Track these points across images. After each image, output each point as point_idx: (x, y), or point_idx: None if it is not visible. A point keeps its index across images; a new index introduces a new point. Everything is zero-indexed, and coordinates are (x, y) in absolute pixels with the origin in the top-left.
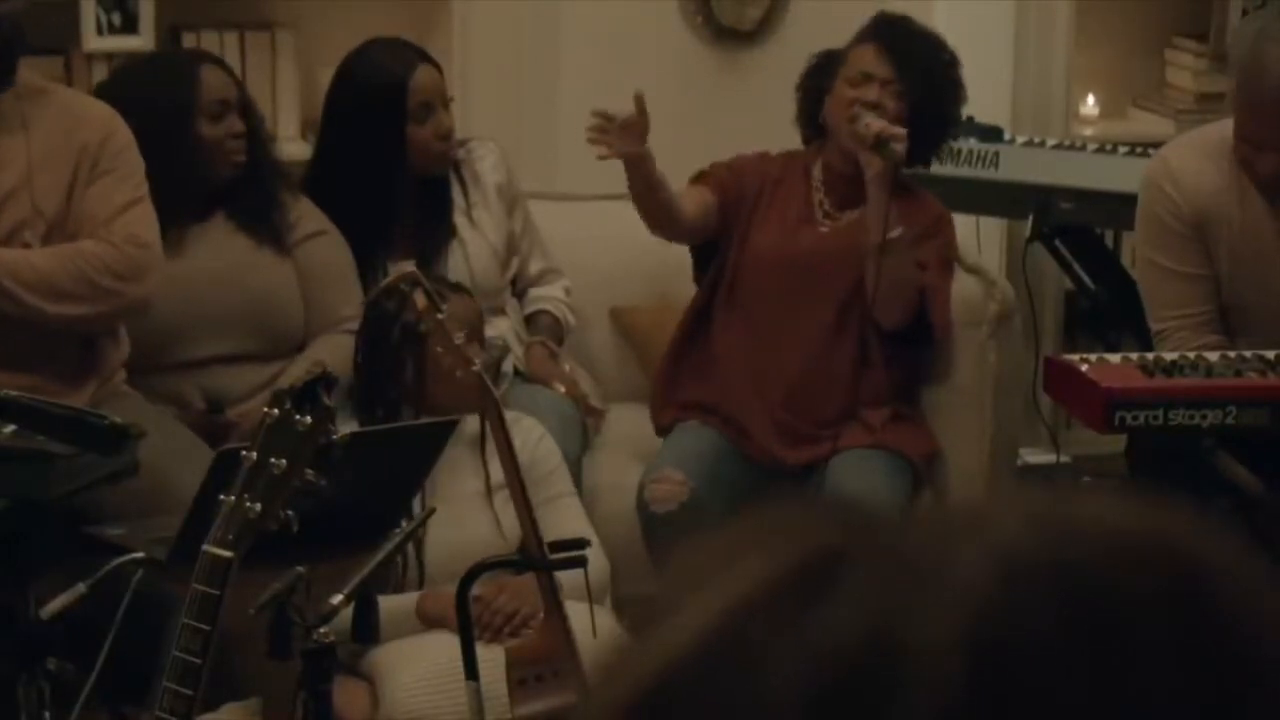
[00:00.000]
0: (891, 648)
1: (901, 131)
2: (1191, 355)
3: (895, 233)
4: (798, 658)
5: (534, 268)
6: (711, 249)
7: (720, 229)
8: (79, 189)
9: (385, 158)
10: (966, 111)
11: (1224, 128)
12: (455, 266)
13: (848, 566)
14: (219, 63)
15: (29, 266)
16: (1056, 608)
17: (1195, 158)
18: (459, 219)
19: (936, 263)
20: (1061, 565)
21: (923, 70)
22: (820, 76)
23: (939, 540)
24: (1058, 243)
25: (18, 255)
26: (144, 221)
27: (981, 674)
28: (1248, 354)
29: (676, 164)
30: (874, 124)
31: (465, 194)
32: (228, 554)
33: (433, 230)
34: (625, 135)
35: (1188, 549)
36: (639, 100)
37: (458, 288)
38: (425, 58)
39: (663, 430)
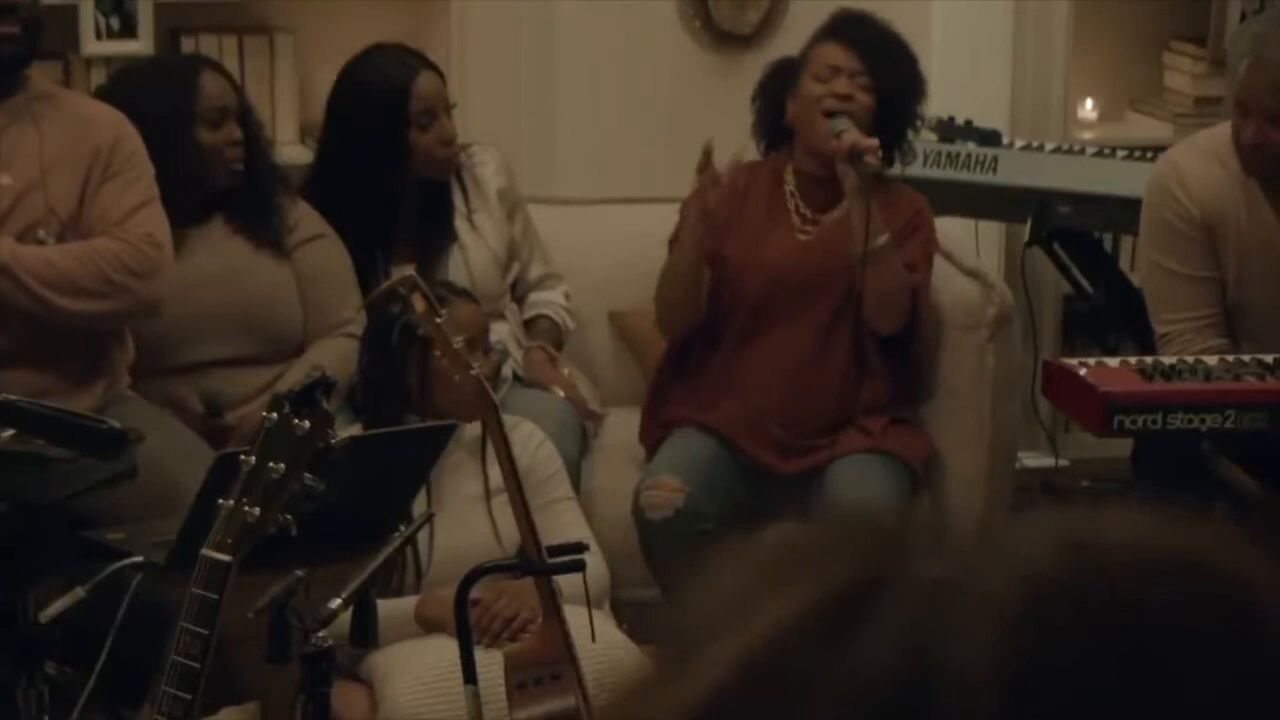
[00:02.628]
0: (928, 675)
1: (874, 143)
2: (1190, 359)
3: (880, 241)
4: (839, 687)
5: (534, 272)
6: None
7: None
8: (91, 190)
9: (387, 163)
10: (965, 115)
11: (1230, 128)
12: (455, 271)
13: (885, 594)
14: (219, 69)
15: (45, 262)
16: (1089, 631)
17: (1201, 159)
18: (460, 223)
19: (919, 259)
20: (1093, 588)
21: (889, 62)
22: (779, 83)
23: (971, 565)
24: (1056, 246)
25: (35, 251)
26: (157, 222)
27: (1016, 701)
28: (1246, 358)
29: (676, 168)
30: (847, 137)
31: (466, 199)
32: (226, 558)
33: (434, 235)
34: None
35: (1224, 564)
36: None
37: (464, 293)
38: (428, 64)
39: (650, 449)
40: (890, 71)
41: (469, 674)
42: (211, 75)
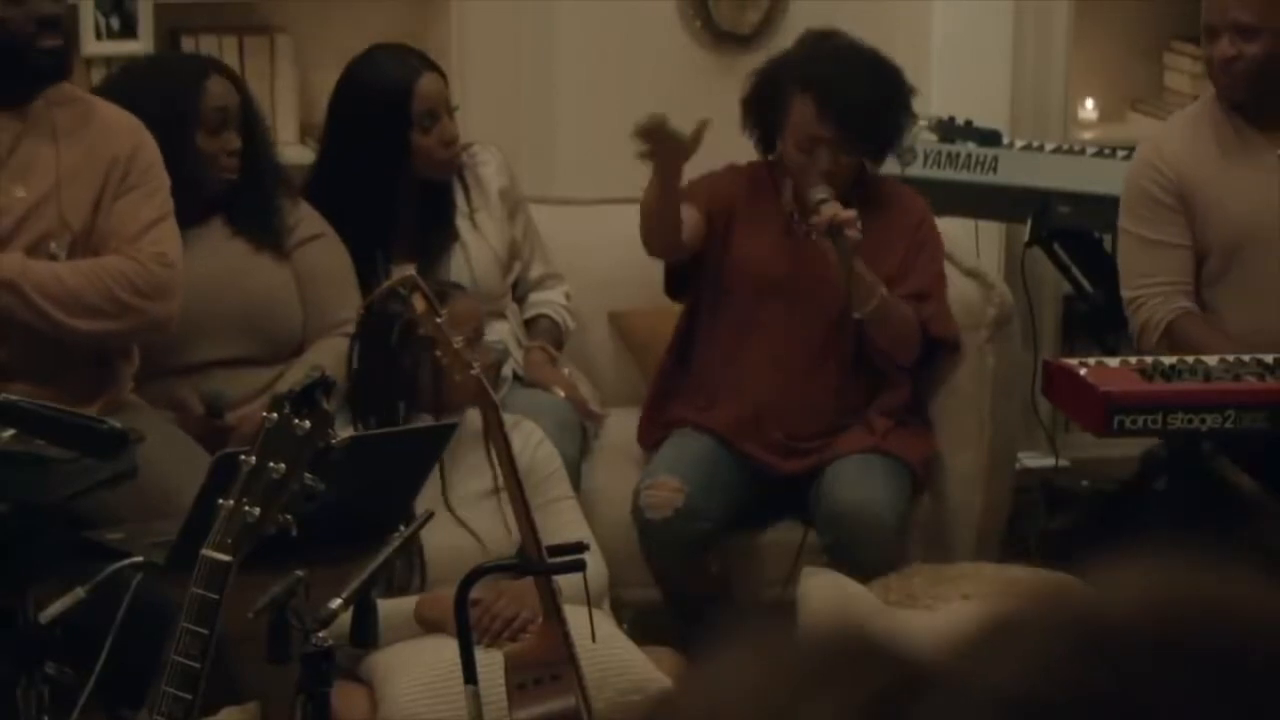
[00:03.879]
0: None
1: (851, 216)
2: (1190, 359)
3: (872, 306)
4: None
5: (535, 272)
6: (684, 266)
7: (705, 244)
8: (106, 202)
9: (389, 164)
10: (965, 116)
11: (1205, 98)
12: (457, 270)
13: (914, 699)
14: (226, 72)
15: (55, 280)
16: None
17: (1179, 129)
18: (461, 223)
19: (931, 280)
20: (1105, 684)
21: (866, 113)
22: (765, 93)
23: (986, 662)
24: (1056, 246)
25: (44, 268)
26: (170, 240)
27: None
28: (1246, 358)
29: None
30: (826, 210)
31: (468, 198)
32: (226, 558)
33: (435, 234)
34: (672, 150)
35: (1246, 641)
36: (700, 129)
37: (456, 288)
38: (430, 65)
39: (650, 449)
40: (869, 122)
41: (469, 674)
42: (217, 79)
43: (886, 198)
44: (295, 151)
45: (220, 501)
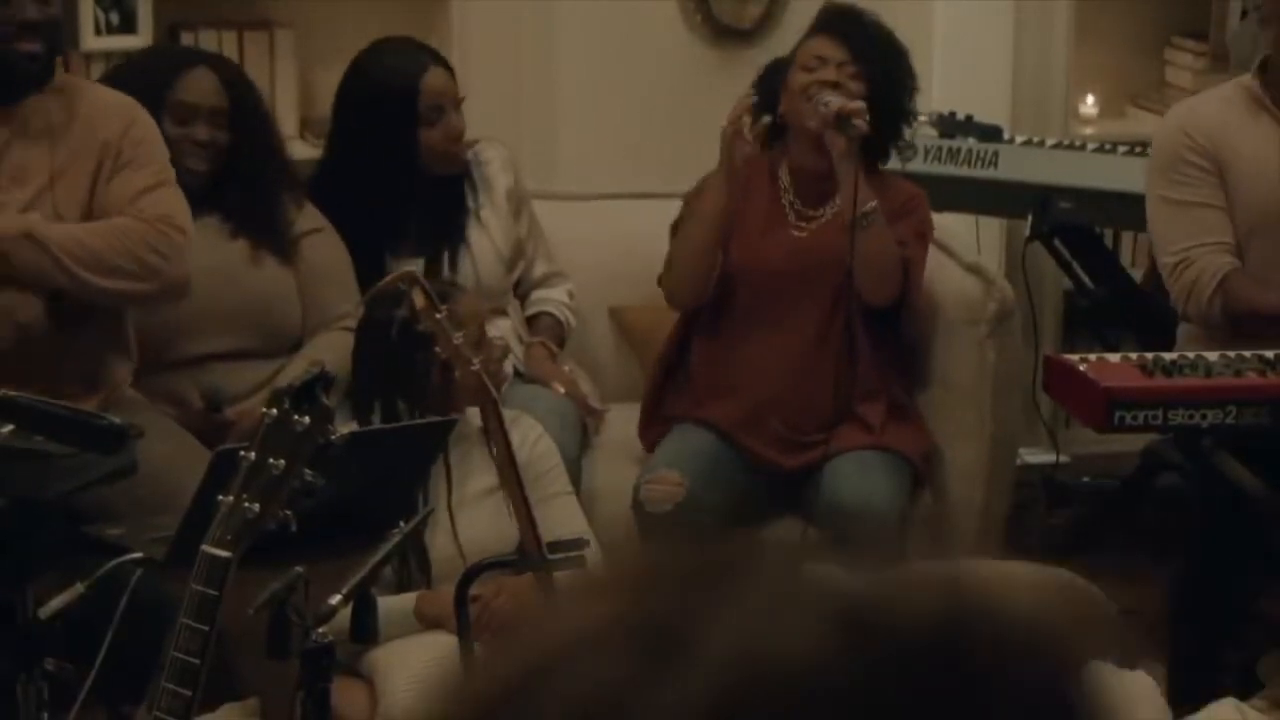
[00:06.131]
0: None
1: (860, 105)
2: (1191, 355)
3: (869, 206)
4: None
5: (538, 270)
6: None
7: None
8: (102, 184)
9: (396, 158)
10: (966, 111)
11: (1240, 81)
12: (461, 268)
13: (593, 640)
14: (218, 68)
15: (77, 242)
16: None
17: (1208, 100)
18: (467, 221)
19: (912, 237)
20: (800, 656)
21: (878, 53)
22: (771, 83)
23: (690, 617)
24: (1057, 242)
25: (66, 230)
26: (173, 204)
27: None
28: (1247, 354)
29: (675, 162)
30: (833, 101)
31: (475, 196)
32: (226, 554)
33: (445, 232)
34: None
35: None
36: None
37: (457, 287)
38: (437, 59)
39: (650, 444)
40: (878, 62)
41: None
42: (201, 73)
43: (882, 179)
44: (296, 147)
45: (220, 497)
